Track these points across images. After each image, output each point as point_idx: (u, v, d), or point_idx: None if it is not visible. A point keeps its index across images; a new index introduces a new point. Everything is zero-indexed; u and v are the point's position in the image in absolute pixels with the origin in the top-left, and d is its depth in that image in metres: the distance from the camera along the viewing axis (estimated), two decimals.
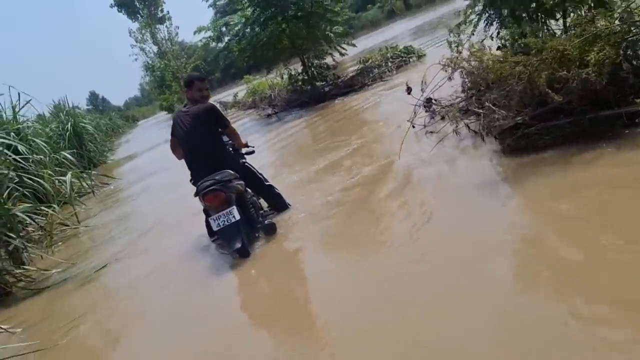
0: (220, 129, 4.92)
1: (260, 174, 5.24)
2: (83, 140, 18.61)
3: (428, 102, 6.62)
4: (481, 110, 4.57)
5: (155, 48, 44.05)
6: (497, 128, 4.24)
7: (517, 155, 4.14)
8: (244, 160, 5.21)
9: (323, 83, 13.91)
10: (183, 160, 5.03)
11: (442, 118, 6.33)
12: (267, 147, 9.87)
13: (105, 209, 10.10)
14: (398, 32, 30.09)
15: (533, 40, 4.01)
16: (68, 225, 8.54)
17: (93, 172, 13.57)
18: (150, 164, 14.61)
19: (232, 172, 4.71)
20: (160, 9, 45.41)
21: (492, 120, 4.25)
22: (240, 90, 23.40)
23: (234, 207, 4.38)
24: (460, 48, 6.18)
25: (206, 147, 4.78)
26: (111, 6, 44.19)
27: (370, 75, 13.19)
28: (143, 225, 7.26)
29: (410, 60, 13.71)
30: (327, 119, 10.85)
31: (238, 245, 4.28)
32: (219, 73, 62.45)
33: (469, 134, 5.23)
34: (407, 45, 14.37)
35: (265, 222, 4.84)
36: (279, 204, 5.30)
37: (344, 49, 13.58)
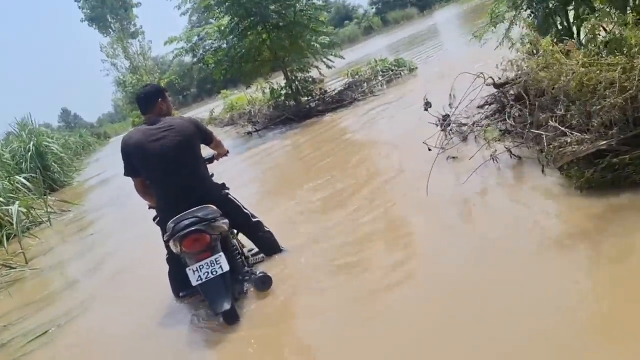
0: (207, 145, 4.01)
1: (246, 209, 4.10)
2: (46, 160, 17.16)
3: (444, 119, 5.54)
4: (538, 132, 3.47)
5: (127, 63, 42.61)
6: (567, 155, 3.13)
7: (600, 193, 3.03)
8: (226, 191, 4.03)
9: (308, 98, 12.79)
10: None
11: (464, 139, 5.26)
12: (245, 169, 8.66)
13: (62, 243, 8.73)
14: (378, 47, 29.34)
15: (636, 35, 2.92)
16: (13, 267, 7.17)
17: (51, 197, 12.11)
18: (118, 186, 13.17)
19: (214, 207, 3.62)
20: (132, 23, 44.10)
21: (561, 145, 3.14)
22: (217, 106, 22.13)
23: (221, 254, 3.38)
24: (516, 45, 5.13)
25: (191, 174, 3.73)
26: (82, 20, 42.73)
27: (360, 89, 12.13)
28: (102, 271, 5.96)
29: (402, 73, 12.71)
30: (316, 138, 9.68)
31: (226, 306, 3.25)
32: (194, 88, 60.90)
33: (510, 161, 4.14)
34: (397, 57, 13.39)
35: (258, 273, 3.67)
36: (269, 246, 4.17)
37: (330, 60, 12.50)
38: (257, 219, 4.11)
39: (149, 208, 4.02)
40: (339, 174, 6.04)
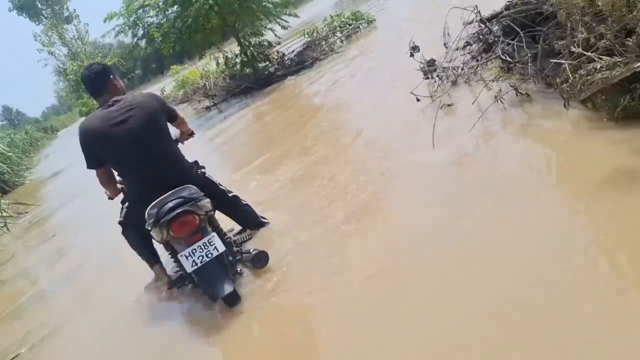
0: (171, 122, 3.57)
1: (222, 185, 3.73)
2: None
3: (429, 64, 5.09)
4: (558, 61, 3.06)
5: (65, 50, 40.33)
6: (596, 84, 2.74)
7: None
8: (202, 170, 3.61)
9: (266, 64, 12.11)
10: None
11: (454, 84, 4.84)
12: (213, 149, 8.04)
13: (24, 249, 8.03)
14: (327, 5, 28.37)
15: None
16: None
17: (4, 200, 11.20)
18: (74, 181, 12.31)
19: (195, 187, 3.24)
20: (65, 7, 41.55)
21: (589, 72, 2.75)
22: (167, 84, 21.03)
23: (214, 234, 3.10)
24: None
25: (165, 156, 3.34)
26: (10, 10, 39.95)
27: (320, 48, 11.52)
28: (73, 276, 5.36)
29: (360, 27, 12.14)
30: (282, 106, 9.11)
31: (228, 288, 2.96)
32: (138, 69, 58.30)
33: (516, 101, 3.74)
34: (354, 11, 12.77)
35: (252, 250, 3.30)
36: (250, 219, 3.83)
37: (285, 21, 11.78)
38: (233, 194, 3.77)
39: (109, 199, 3.59)
40: (318, 143, 5.50)
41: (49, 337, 3.96)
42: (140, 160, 3.21)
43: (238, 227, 3.85)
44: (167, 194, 3.08)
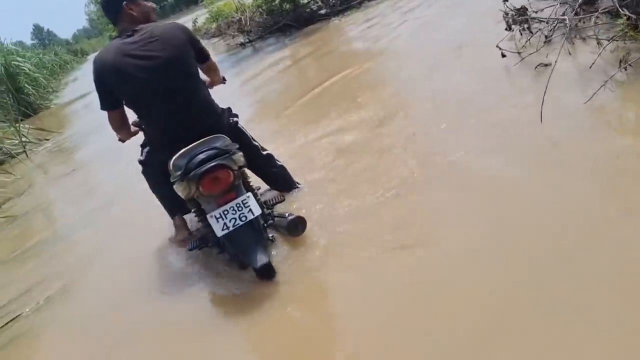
0: (200, 63, 2.98)
1: (255, 140, 3.21)
2: (18, 82, 15.59)
3: (519, 12, 4.25)
4: None
5: None
6: None
7: None
8: (236, 119, 3.07)
9: (308, 1, 11.14)
10: None
11: (548, 41, 4.01)
12: (246, 93, 7.31)
13: (41, 181, 7.60)
14: None
15: None
16: None
17: (25, 125, 10.75)
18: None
19: (227, 138, 2.74)
20: None
21: None
22: (200, 15, 20.06)
23: (249, 194, 2.67)
24: None
25: (192, 99, 2.81)
26: None
27: None
28: (93, 217, 4.85)
29: None
30: (325, 48, 8.26)
31: (264, 259, 2.56)
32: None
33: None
34: None
35: (287, 215, 2.84)
36: (283, 182, 3.33)
37: None
38: (267, 152, 3.27)
39: (120, 141, 3.17)
40: (369, 99, 4.72)
41: (56, 297, 3.46)
42: (162, 102, 2.71)
43: (264, 185, 3.32)
44: (196, 143, 2.61)
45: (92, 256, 3.94)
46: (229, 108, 3.07)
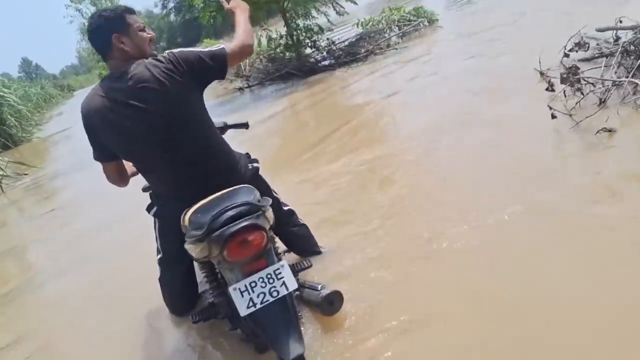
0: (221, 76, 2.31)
1: (276, 192, 2.68)
2: (1, 113, 15.05)
3: (570, 72, 3.92)
4: None
5: (93, 9, 39.26)
6: None
7: None
8: (256, 165, 2.54)
9: (313, 50, 10.97)
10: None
11: (603, 102, 3.67)
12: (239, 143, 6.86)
13: (17, 219, 6.94)
14: None
15: None
16: None
17: (3, 158, 10.10)
18: (85, 145, 11.26)
19: (249, 185, 2.23)
20: None
21: None
22: None
23: (284, 263, 2.09)
24: None
25: (202, 146, 2.28)
26: None
27: (375, 42, 10.36)
28: (67, 270, 4.24)
29: (421, 25, 10.97)
30: (328, 100, 7.94)
31: (297, 349, 1.95)
32: (164, 42, 57.05)
33: None
34: (416, 6, 11.59)
35: (320, 288, 2.31)
36: (306, 244, 2.81)
37: (341, 6, 10.66)
38: (289, 207, 2.75)
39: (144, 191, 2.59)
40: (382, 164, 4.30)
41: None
42: (164, 157, 2.20)
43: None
44: (219, 195, 2.11)
45: (72, 314, 3.32)
46: (248, 154, 2.57)
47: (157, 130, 2.12)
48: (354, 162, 4.37)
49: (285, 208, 2.72)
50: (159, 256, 2.57)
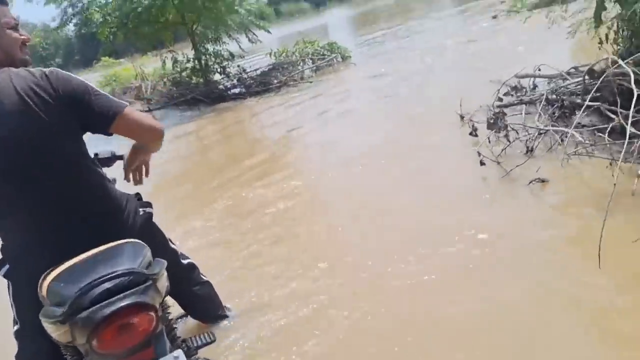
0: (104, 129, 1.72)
1: (173, 242, 2.15)
2: None
3: (496, 117, 3.74)
4: None
5: None
6: None
7: None
8: (148, 210, 1.95)
9: (222, 77, 10.43)
10: None
11: (530, 150, 3.50)
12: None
13: None
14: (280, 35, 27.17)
15: None
16: None
17: None
18: None
19: (140, 242, 1.62)
20: None
21: None
22: (93, 78, 18.47)
23: (180, 354, 1.46)
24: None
25: (69, 181, 1.66)
26: None
27: (289, 73, 10.06)
28: None
29: (335, 61, 10.86)
30: (237, 129, 7.46)
31: None
32: (59, 58, 53.28)
33: None
34: (330, 41, 11.49)
35: None
36: (210, 307, 2.33)
37: (254, 34, 10.28)
38: (189, 261, 2.22)
39: None
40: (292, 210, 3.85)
41: None
42: (19, 193, 1.59)
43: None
44: (93, 253, 1.52)
45: None
46: (138, 194, 2.00)
47: (11, 161, 1.53)
48: (259, 198, 3.91)
49: (185, 262, 2.19)
50: (15, 328, 1.87)
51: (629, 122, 2.88)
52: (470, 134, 4.03)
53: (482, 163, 3.40)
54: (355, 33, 18.89)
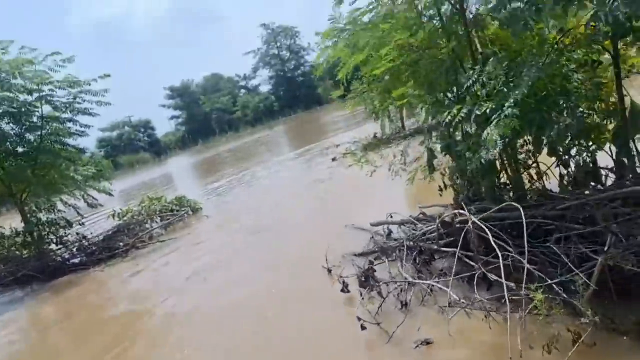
0: None
1: None
2: None
3: (366, 275, 3.73)
4: None
5: None
6: None
7: None
8: None
9: (59, 247, 9.41)
10: None
11: (404, 305, 3.49)
12: None
13: None
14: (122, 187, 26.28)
15: None
16: None
17: None
18: None
19: None
20: None
21: None
22: None
23: None
24: None
25: None
26: None
27: (135, 235, 9.45)
28: None
29: (185, 215, 10.55)
30: (79, 309, 6.59)
31: None
32: None
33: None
34: (179, 196, 11.23)
35: None
36: None
37: (93, 198, 9.64)
38: None
39: None
40: None
41: None
42: None
43: None
44: None
45: None
46: None
47: None
48: None
49: None
50: None
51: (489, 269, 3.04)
52: (342, 290, 3.97)
53: (363, 327, 3.29)
54: (202, 181, 18.90)
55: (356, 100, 5.79)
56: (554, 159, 3.80)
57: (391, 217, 4.85)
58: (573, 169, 3.68)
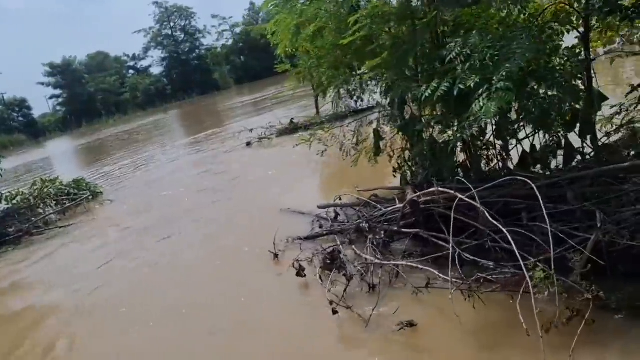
0: None
1: None
2: None
3: (332, 257, 3.50)
4: None
5: None
6: None
7: None
8: None
9: None
10: None
11: (372, 288, 3.32)
12: None
13: None
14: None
15: None
16: None
17: None
18: None
19: None
20: None
21: None
22: None
23: None
24: None
25: None
26: None
27: (30, 221, 8.38)
28: None
29: (85, 200, 9.57)
30: None
31: None
32: None
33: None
34: (77, 178, 10.15)
35: None
36: None
37: None
38: None
39: None
40: None
41: None
42: None
43: None
44: None
45: None
46: None
47: None
48: None
49: None
50: None
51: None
52: (298, 274, 3.72)
53: (334, 312, 3.06)
54: (90, 166, 17.13)
55: (303, 75, 5.50)
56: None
57: (340, 199, 4.67)
58: (538, 150, 3.75)
